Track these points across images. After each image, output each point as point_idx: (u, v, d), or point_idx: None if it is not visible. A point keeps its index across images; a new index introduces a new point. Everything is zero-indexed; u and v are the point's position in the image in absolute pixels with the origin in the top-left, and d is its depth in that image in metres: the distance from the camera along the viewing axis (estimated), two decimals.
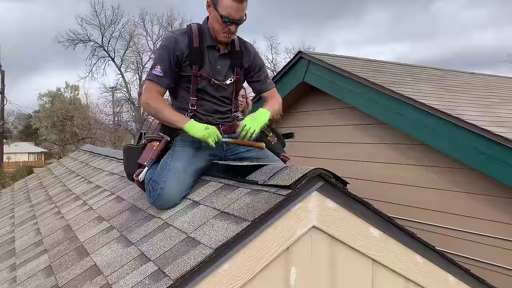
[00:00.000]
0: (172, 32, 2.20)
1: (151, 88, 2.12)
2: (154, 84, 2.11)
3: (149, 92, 2.13)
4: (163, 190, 1.92)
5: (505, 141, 3.15)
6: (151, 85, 2.12)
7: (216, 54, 2.18)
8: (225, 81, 2.22)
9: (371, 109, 4.32)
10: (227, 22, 2.03)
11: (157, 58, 2.13)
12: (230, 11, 2.01)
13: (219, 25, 2.07)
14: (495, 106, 4.49)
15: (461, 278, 1.88)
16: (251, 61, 2.27)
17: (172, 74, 2.12)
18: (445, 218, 3.85)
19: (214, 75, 2.17)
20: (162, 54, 2.10)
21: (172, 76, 2.12)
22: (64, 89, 38.43)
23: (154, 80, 2.11)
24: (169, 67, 2.10)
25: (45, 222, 2.84)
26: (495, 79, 6.89)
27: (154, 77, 2.10)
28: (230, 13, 2.01)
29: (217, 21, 2.06)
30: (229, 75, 2.23)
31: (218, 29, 2.08)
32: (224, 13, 2.01)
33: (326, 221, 1.55)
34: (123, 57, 29.36)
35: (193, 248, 1.45)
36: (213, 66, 2.17)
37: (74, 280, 1.67)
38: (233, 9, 2.00)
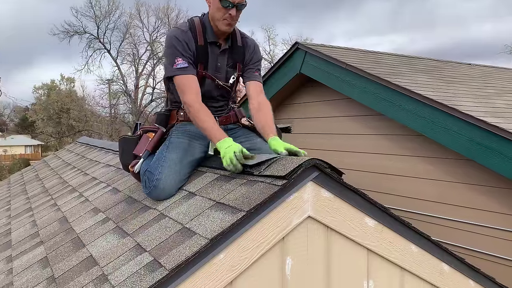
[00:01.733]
0: (177, 27, 2.12)
1: (185, 86, 2.00)
2: (185, 78, 2.00)
3: (187, 93, 1.99)
4: (159, 181, 1.92)
5: (501, 132, 3.15)
6: (183, 82, 2.00)
7: (217, 51, 2.13)
8: (228, 79, 2.19)
9: (367, 100, 4.32)
10: (227, 6, 1.98)
11: (173, 52, 2.02)
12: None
13: (218, 12, 2.01)
14: (492, 97, 4.50)
15: (455, 267, 1.89)
16: (251, 54, 2.24)
17: (193, 63, 2.04)
18: (441, 208, 3.87)
19: (215, 73, 2.14)
20: (178, 46, 2.01)
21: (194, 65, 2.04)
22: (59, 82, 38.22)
23: (182, 73, 2.00)
24: (189, 56, 2.02)
25: (41, 214, 2.84)
26: (492, 70, 6.89)
27: (181, 71, 2.00)
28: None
29: (217, 8, 2.01)
30: (230, 73, 2.19)
31: (219, 16, 2.02)
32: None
33: (321, 211, 1.55)
34: (119, 49, 29.18)
35: (189, 238, 1.45)
36: (214, 63, 2.13)
37: (70, 271, 1.67)
38: None
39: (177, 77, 2.02)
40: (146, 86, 29.43)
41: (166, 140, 2.13)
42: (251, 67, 2.24)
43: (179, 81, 2.02)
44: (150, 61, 29.55)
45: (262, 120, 2.08)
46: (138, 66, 29.54)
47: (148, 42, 29.49)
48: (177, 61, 2.00)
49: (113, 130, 28.63)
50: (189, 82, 2.01)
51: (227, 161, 1.73)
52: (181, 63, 2.00)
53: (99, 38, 28.53)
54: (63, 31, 28.00)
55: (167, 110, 2.26)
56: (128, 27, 28.99)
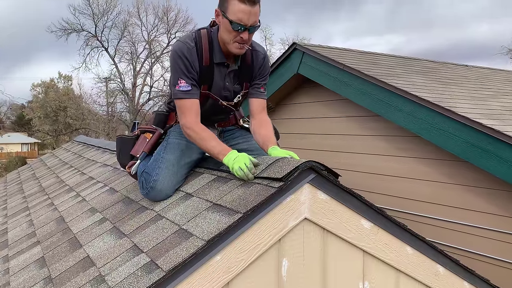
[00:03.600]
0: (181, 42, 1.97)
1: (186, 109, 1.94)
2: (187, 102, 1.93)
3: (186, 116, 1.93)
4: (156, 182, 1.92)
5: (496, 134, 3.17)
6: (184, 105, 1.94)
7: (225, 71, 2.03)
8: (233, 98, 2.13)
9: (364, 101, 4.34)
10: (238, 29, 1.84)
11: (177, 72, 1.93)
12: (241, 16, 1.81)
13: (229, 34, 1.87)
14: (487, 98, 4.52)
15: (450, 269, 1.91)
16: (259, 70, 2.12)
17: (197, 83, 1.96)
18: (437, 210, 3.89)
19: (222, 92, 2.07)
20: (182, 65, 1.92)
21: (197, 85, 1.97)
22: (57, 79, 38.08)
23: (184, 97, 1.93)
24: (193, 77, 1.94)
25: (38, 213, 2.83)
26: (488, 71, 6.92)
27: (183, 94, 1.93)
28: (241, 18, 1.81)
29: (227, 30, 1.87)
30: (237, 90, 2.11)
31: (229, 39, 1.89)
32: (234, 18, 1.82)
33: (317, 213, 1.56)
34: (117, 47, 29.11)
35: (186, 240, 1.46)
36: (222, 83, 2.05)
37: (67, 271, 1.68)
38: (244, 13, 1.80)
39: (178, 100, 1.96)
40: (143, 85, 29.39)
41: (163, 141, 2.13)
42: (257, 82, 2.14)
43: (180, 104, 1.96)
44: (148, 59, 29.51)
45: (263, 135, 2.03)
46: (136, 65, 29.50)
47: (146, 40, 29.44)
48: (180, 82, 1.92)
49: (110, 128, 28.57)
50: (190, 106, 1.94)
51: (237, 172, 1.68)
52: (184, 86, 1.92)
53: (97, 36, 28.46)
54: (61, 28, 27.94)
55: (166, 110, 2.26)
56: (126, 25, 28.94)
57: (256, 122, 2.11)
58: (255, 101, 2.15)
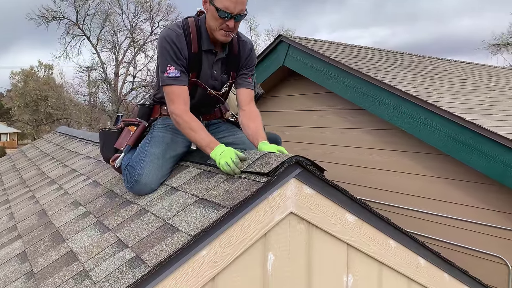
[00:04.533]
0: (169, 29, 1.97)
1: (175, 96, 1.91)
2: (175, 89, 1.91)
3: (175, 103, 1.91)
4: (141, 176, 1.90)
5: (477, 128, 3.24)
6: (173, 92, 1.92)
7: (212, 59, 2.03)
8: (221, 88, 2.12)
9: (349, 94, 4.37)
10: (225, 17, 1.86)
11: (165, 58, 1.92)
12: (227, 4, 1.83)
13: (215, 21, 1.89)
14: (469, 93, 4.61)
15: (431, 261, 1.95)
16: (246, 60, 2.13)
17: (186, 70, 1.94)
18: (419, 202, 3.97)
19: (210, 81, 2.06)
20: (170, 51, 1.91)
21: (186, 72, 1.95)
22: (37, 68, 37.17)
23: (173, 83, 1.91)
24: (182, 64, 1.92)
25: (19, 206, 2.78)
26: (470, 66, 7.04)
27: (172, 81, 1.91)
28: (227, 6, 1.83)
29: (214, 17, 1.88)
30: (224, 80, 2.12)
31: (215, 26, 1.90)
32: (220, 6, 1.83)
33: (303, 207, 1.57)
34: (99, 36, 28.51)
35: (171, 234, 1.45)
36: (209, 71, 2.05)
37: (49, 266, 1.65)
38: (231, 1, 1.82)
39: (166, 87, 1.93)
40: (126, 75, 28.92)
41: (148, 134, 2.10)
42: (245, 72, 2.14)
43: (169, 90, 1.93)
44: (130, 49, 29.01)
45: (252, 129, 2.01)
46: (118, 54, 28.98)
47: (128, 29, 28.92)
48: (169, 68, 1.90)
49: (93, 119, 28.12)
50: (179, 93, 1.92)
51: (224, 167, 1.67)
52: (173, 72, 1.91)
53: (78, 24, 27.81)
54: (41, 16, 27.18)
55: (150, 103, 2.23)
56: (108, 13, 28.35)
57: (245, 114, 2.08)
58: (242, 91, 2.14)
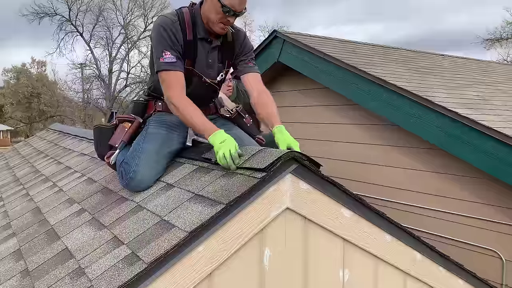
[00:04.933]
0: (165, 16, 1.98)
1: (171, 81, 1.90)
2: (172, 74, 1.90)
3: (172, 88, 1.89)
4: (136, 172, 1.89)
5: (471, 122, 3.26)
6: (169, 77, 1.90)
7: (208, 47, 2.04)
8: (216, 77, 2.12)
9: (344, 90, 4.37)
10: (228, 13, 1.89)
11: (161, 44, 1.91)
12: (233, 2, 1.86)
13: (216, 15, 1.91)
14: (463, 88, 4.63)
15: (427, 255, 1.97)
16: (241, 47, 2.15)
17: (181, 57, 1.94)
18: (414, 197, 3.99)
19: (206, 69, 2.06)
20: (166, 37, 1.90)
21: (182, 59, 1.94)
22: (30, 65, 36.81)
23: (170, 69, 1.89)
24: (177, 49, 1.91)
25: (13, 204, 2.76)
26: (464, 61, 7.07)
27: (168, 66, 1.89)
28: (233, 4, 1.87)
29: (216, 11, 1.90)
30: (220, 69, 2.12)
31: (215, 19, 1.92)
32: (226, 2, 1.86)
33: (299, 202, 1.57)
34: (92, 32, 28.29)
35: (167, 231, 1.45)
36: (205, 60, 2.05)
37: (44, 264, 1.64)
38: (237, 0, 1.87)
39: (163, 72, 1.92)
40: (120, 71, 28.76)
41: (143, 130, 2.09)
42: (243, 58, 2.15)
43: (165, 76, 1.91)
44: (124, 45, 28.83)
45: (264, 112, 2.00)
46: (112, 50, 28.79)
47: (121, 25, 28.72)
48: (164, 54, 1.89)
49: (86, 116, 27.97)
50: (176, 78, 1.91)
51: (221, 159, 1.65)
52: (169, 57, 1.89)
53: (71, 20, 27.58)
54: (33, 12, 26.94)
55: (145, 99, 2.22)
56: (101, 9, 28.12)
57: (255, 99, 2.07)
58: (247, 77, 2.14)
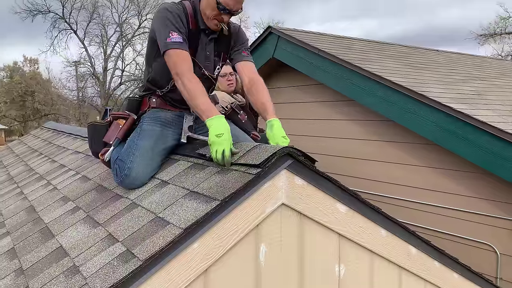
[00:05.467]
0: (169, 3, 1.98)
1: (179, 58, 1.85)
2: (180, 52, 1.85)
3: (180, 65, 1.85)
4: (131, 170, 1.88)
5: (466, 118, 3.27)
6: (177, 54, 1.85)
7: (206, 39, 2.05)
8: (214, 70, 2.12)
9: (339, 85, 4.37)
10: (223, 11, 1.90)
11: (168, 26, 1.88)
12: (228, 1, 1.88)
13: (212, 12, 1.92)
14: (458, 83, 4.64)
15: (422, 250, 1.97)
16: (235, 38, 2.16)
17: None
18: (410, 192, 4.00)
19: (204, 62, 2.07)
20: (173, 19, 1.88)
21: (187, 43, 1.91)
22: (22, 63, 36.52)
23: (178, 47, 1.85)
24: (184, 33, 1.89)
25: (7, 203, 2.74)
26: (458, 56, 7.09)
27: (176, 45, 1.85)
28: (228, 3, 1.88)
29: (211, 7, 1.91)
30: (216, 63, 2.13)
31: (210, 15, 1.94)
32: (222, 0, 1.87)
33: (294, 198, 1.57)
34: (86, 30, 28.10)
35: (162, 228, 1.44)
36: (203, 52, 2.06)
37: (39, 262, 1.63)
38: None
39: (171, 50, 1.86)
40: (115, 69, 28.60)
41: (137, 127, 2.08)
42: (237, 48, 2.15)
43: (172, 53, 1.86)
44: (119, 42, 28.67)
45: (257, 101, 2.02)
46: (107, 48, 28.62)
47: (117, 23, 28.55)
48: (171, 35, 1.86)
49: (81, 114, 27.84)
50: (184, 56, 1.87)
51: (214, 155, 1.64)
52: (177, 37, 1.86)
53: (65, 18, 27.37)
54: (26, 9, 26.69)
55: (139, 96, 2.21)
56: (95, 6, 27.92)
57: (248, 87, 2.07)
58: (241, 65, 2.13)
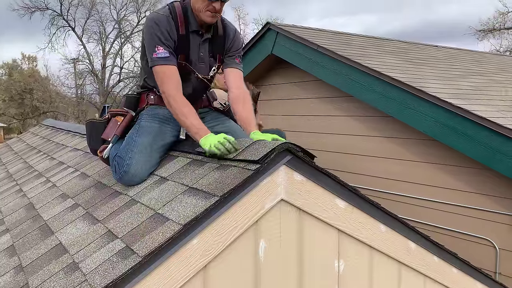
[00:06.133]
0: (156, 12, 1.99)
1: (166, 76, 1.90)
2: (166, 69, 1.90)
3: (167, 83, 1.90)
4: (129, 166, 1.88)
5: (465, 113, 3.27)
6: (164, 71, 1.91)
7: (198, 40, 2.04)
8: (209, 72, 2.12)
9: (338, 81, 4.36)
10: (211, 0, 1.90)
11: (154, 40, 1.91)
12: None
13: (202, 3, 1.92)
14: (457, 79, 4.64)
15: (421, 245, 1.98)
16: (231, 42, 2.15)
17: (174, 53, 1.95)
18: (408, 187, 4.01)
19: (198, 63, 2.07)
20: (158, 33, 1.91)
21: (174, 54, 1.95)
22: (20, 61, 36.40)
23: (163, 63, 1.90)
24: (170, 45, 1.92)
25: (6, 200, 2.74)
26: (457, 52, 7.08)
27: (162, 61, 1.90)
28: None
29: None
30: (211, 64, 2.13)
31: (201, 7, 1.93)
32: None
33: (294, 194, 1.57)
34: (84, 27, 27.99)
35: (161, 224, 1.44)
36: (197, 53, 2.05)
37: (38, 259, 1.63)
38: None
39: (157, 67, 1.92)
40: (113, 66, 28.54)
41: (135, 124, 2.08)
42: (231, 54, 2.16)
43: (159, 70, 1.92)
44: (117, 40, 28.59)
45: (243, 114, 2.01)
46: (105, 45, 28.53)
47: (115, 20, 28.45)
48: (157, 49, 1.90)
49: (80, 111, 27.79)
50: (170, 73, 1.92)
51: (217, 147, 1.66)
52: (162, 52, 1.90)
53: (63, 14, 27.27)
54: (24, 6, 26.57)
55: (137, 93, 2.20)
56: (94, 3, 27.80)
57: (235, 95, 2.06)
58: (230, 71, 2.13)
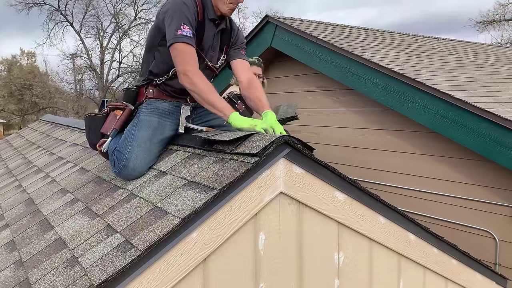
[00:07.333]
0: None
1: (188, 55, 1.87)
2: (189, 48, 1.87)
3: (189, 62, 1.87)
4: (129, 160, 1.88)
5: (465, 105, 3.26)
6: (187, 50, 1.86)
7: (214, 29, 2.06)
8: (217, 61, 2.15)
9: (337, 74, 4.35)
10: None
11: (181, 17, 1.87)
12: None
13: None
14: (457, 70, 4.62)
15: (421, 237, 1.98)
16: (236, 37, 2.20)
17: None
18: (408, 180, 4.01)
19: (209, 51, 2.08)
20: (186, 12, 1.88)
21: None
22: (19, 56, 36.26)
23: (188, 42, 1.86)
24: (193, 28, 1.90)
25: (6, 196, 2.74)
26: (458, 43, 7.05)
27: (186, 39, 1.85)
28: None
29: None
30: (219, 54, 2.16)
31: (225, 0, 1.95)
32: None
33: (293, 186, 1.57)
34: (82, 22, 27.87)
35: (161, 218, 1.44)
36: (210, 41, 2.06)
37: (38, 254, 1.64)
38: None
39: (180, 44, 1.86)
40: (112, 61, 28.44)
41: (134, 118, 2.07)
42: (237, 47, 2.20)
43: (182, 47, 1.86)
44: (115, 34, 28.46)
45: (255, 94, 2.05)
46: (103, 40, 28.43)
47: (112, 14, 28.31)
48: (183, 27, 1.86)
49: (79, 107, 27.76)
50: (192, 52, 1.89)
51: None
52: (188, 31, 1.87)
53: (60, 10, 27.13)
54: (21, 2, 26.43)
55: (136, 86, 2.19)
56: None
57: (244, 82, 2.12)
58: (238, 61, 2.18)
